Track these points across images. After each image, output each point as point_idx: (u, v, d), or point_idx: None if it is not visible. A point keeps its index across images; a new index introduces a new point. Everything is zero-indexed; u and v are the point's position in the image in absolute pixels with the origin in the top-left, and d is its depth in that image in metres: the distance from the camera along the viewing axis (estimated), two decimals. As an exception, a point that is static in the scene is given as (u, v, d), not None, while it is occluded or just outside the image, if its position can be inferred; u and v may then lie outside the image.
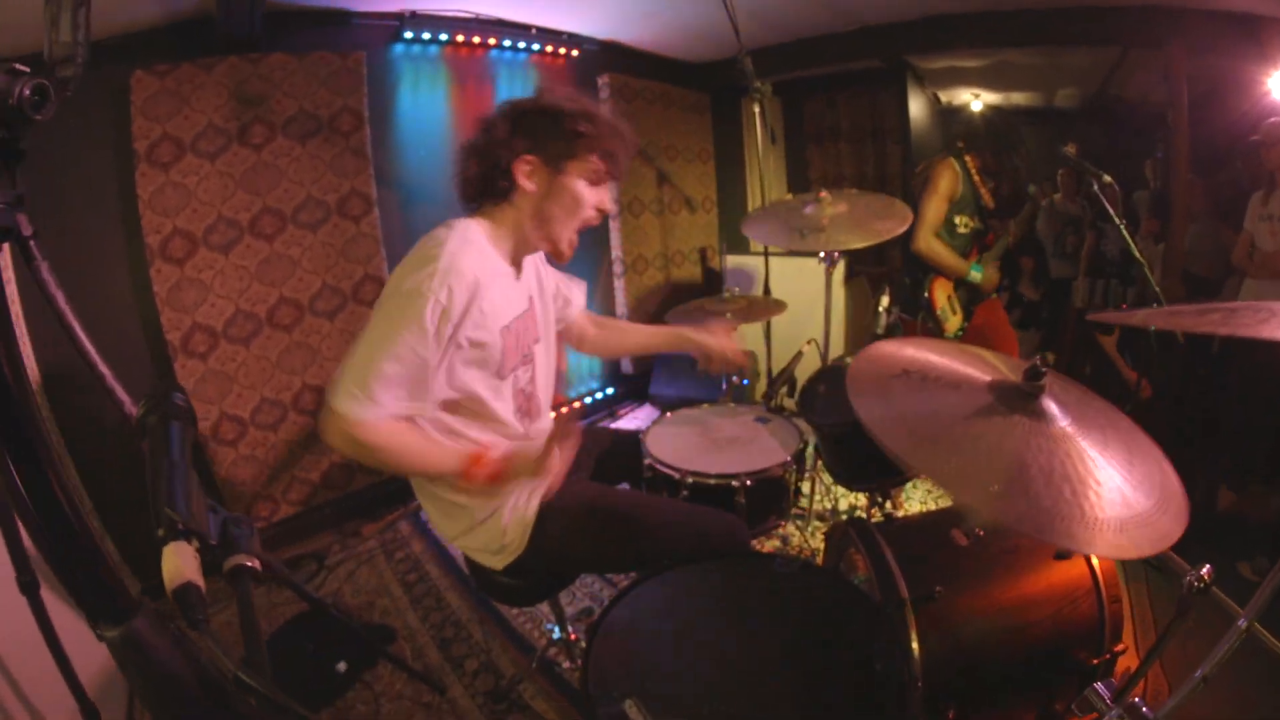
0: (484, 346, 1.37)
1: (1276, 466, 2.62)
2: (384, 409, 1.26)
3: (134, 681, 0.62)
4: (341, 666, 2.10)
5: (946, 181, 2.73)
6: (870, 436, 1.09)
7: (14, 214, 1.38)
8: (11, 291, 2.21)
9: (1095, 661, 1.49)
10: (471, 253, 1.33)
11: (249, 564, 0.72)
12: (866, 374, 1.24)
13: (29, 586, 1.35)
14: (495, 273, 1.41)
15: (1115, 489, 0.98)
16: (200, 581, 0.64)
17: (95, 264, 2.50)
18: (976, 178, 2.78)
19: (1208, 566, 1.20)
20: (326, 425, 1.29)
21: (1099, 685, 0.98)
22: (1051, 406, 1.11)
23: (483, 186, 1.44)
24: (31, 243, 1.45)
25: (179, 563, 0.63)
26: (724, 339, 1.89)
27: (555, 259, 1.53)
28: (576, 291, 1.82)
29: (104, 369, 1.61)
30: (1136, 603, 2.21)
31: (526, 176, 1.40)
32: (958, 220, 2.79)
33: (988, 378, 1.21)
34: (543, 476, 1.39)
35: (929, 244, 2.73)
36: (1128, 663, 1.91)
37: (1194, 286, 3.12)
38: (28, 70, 1.23)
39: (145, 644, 0.62)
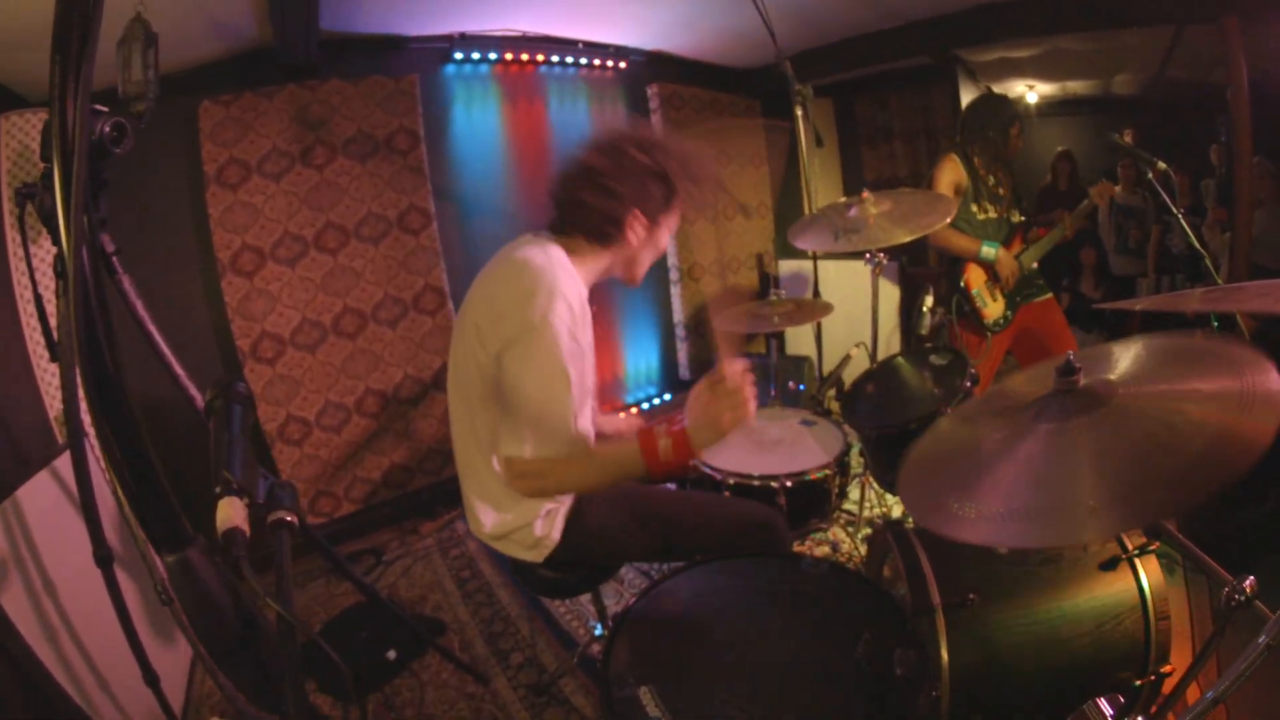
0: (584, 362, 1.43)
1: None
2: (584, 437, 1.37)
3: (183, 601, 0.74)
4: (391, 654, 2.21)
5: (947, 176, 2.70)
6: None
7: (98, 234, 1.53)
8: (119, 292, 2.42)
9: (1139, 683, 1.41)
10: (567, 278, 1.40)
11: (288, 519, 0.84)
12: (922, 502, 1.17)
13: (104, 560, 1.48)
14: (583, 296, 1.47)
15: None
16: (246, 528, 0.79)
17: (172, 277, 2.74)
18: (981, 170, 2.72)
19: (1251, 578, 1.15)
20: (510, 477, 1.40)
21: (1102, 701, 0.94)
22: (1100, 385, 1.05)
23: (585, 225, 1.47)
24: (114, 259, 1.60)
25: (230, 512, 0.78)
26: None
27: (630, 285, 1.63)
28: None
29: (178, 369, 1.76)
30: (1198, 620, 2.09)
31: (633, 230, 1.47)
32: (974, 208, 2.73)
33: (1025, 403, 1.14)
34: (734, 426, 1.33)
35: (935, 232, 2.68)
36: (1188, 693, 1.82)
37: (1264, 278, 2.92)
38: (107, 110, 1.36)
39: (195, 570, 0.74)
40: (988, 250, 2.68)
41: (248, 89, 2.74)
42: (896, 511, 2.86)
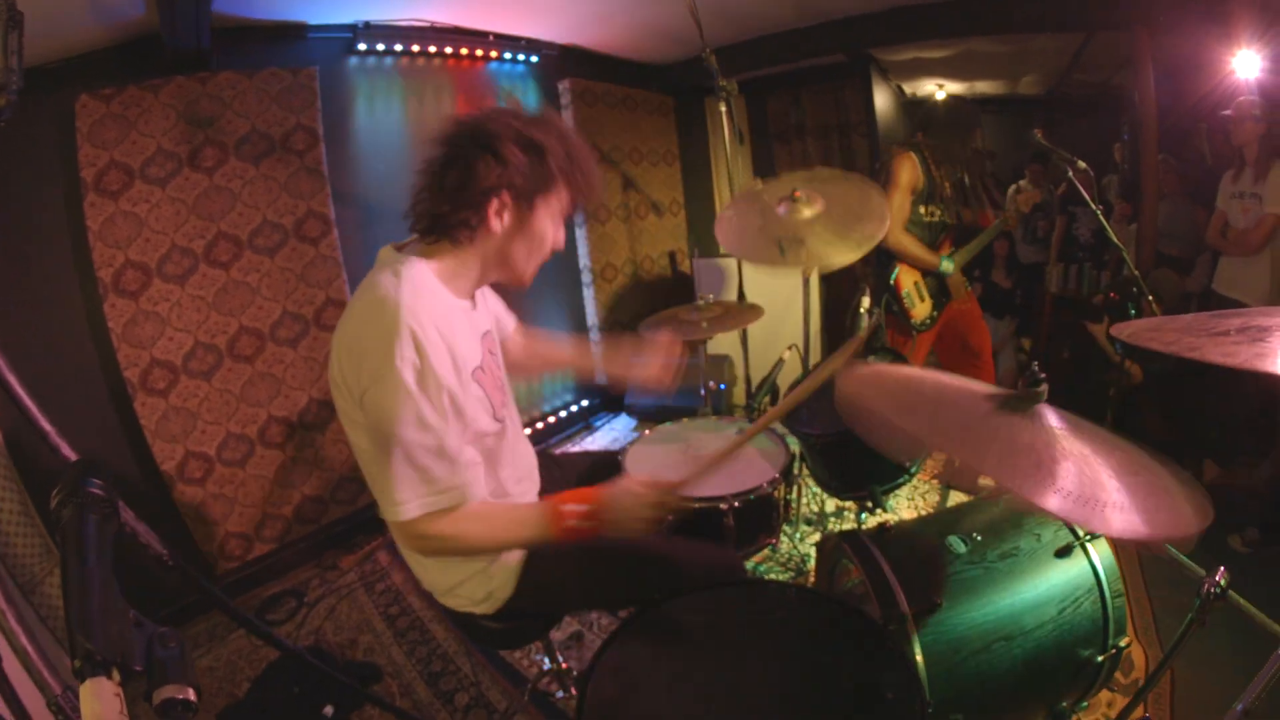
0: (465, 396, 1.26)
1: (1262, 442, 2.63)
2: (439, 498, 1.21)
3: None
4: (328, 710, 2.02)
5: (907, 174, 2.71)
6: (865, 441, 1.20)
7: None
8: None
9: (1101, 659, 1.48)
10: (426, 302, 1.20)
11: (180, 696, 0.61)
12: (866, 388, 1.31)
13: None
14: (454, 315, 1.29)
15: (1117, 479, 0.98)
16: None
17: (46, 302, 2.36)
18: (935, 170, 2.76)
19: (1221, 569, 1.18)
20: (401, 540, 1.31)
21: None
22: (1048, 414, 1.12)
23: (447, 221, 1.26)
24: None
25: (98, 708, 0.56)
26: (657, 368, 1.73)
27: (515, 287, 1.41)
28: (507, 314, 1.71)
29: (45, 424, 1.51)
30: (1131, 584, 2.21)
31: (496, 214, 1.26)
32: (923, 210, 2.78)
33: (983, 390, 1.23)
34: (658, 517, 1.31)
35: (897, 238, 2.70)
36: (1132, 652, 1.92)
37: (1168, 266, 3.14)
38: (-58, 107, 1.12)
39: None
40: (947, 265, 2.73)
41: (131, 82, 2.40)
42: (830, 506, 2.87)
